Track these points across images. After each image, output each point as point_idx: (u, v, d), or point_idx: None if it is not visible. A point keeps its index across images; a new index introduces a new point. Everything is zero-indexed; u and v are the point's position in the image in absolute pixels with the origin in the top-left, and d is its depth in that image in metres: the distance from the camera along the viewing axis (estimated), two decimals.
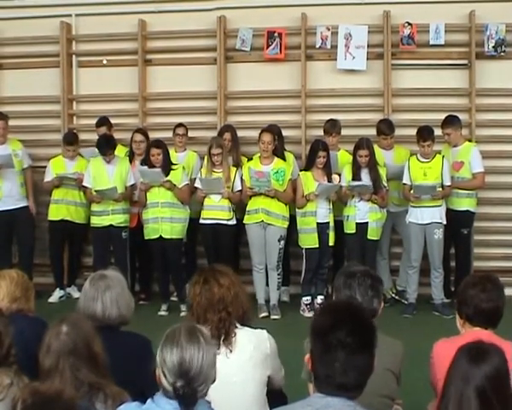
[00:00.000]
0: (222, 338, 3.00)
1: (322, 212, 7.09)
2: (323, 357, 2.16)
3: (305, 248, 7.16)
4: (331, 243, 7.13)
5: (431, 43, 7.88)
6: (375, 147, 7.54)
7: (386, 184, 7.16)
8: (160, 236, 7.09)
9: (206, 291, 3.09)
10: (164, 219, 7.08)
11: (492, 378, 2.25)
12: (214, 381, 2.39)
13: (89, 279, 3.24)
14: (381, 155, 7.48)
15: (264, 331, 3.16)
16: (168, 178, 7.07)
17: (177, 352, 2.31)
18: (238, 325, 3.09)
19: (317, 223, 7.08)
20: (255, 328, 3.16)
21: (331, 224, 7.12)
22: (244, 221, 7.18)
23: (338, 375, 2.13)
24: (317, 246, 7.08)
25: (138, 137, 7.75)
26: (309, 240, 7.10)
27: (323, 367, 2.16)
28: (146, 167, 7.16)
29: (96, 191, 7.29)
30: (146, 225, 7.18)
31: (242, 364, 3.01)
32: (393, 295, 7.56)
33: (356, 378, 2.15)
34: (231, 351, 3.01)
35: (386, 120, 7.58)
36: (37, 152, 8.39)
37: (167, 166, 7.11)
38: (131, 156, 7.72)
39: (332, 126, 7.48)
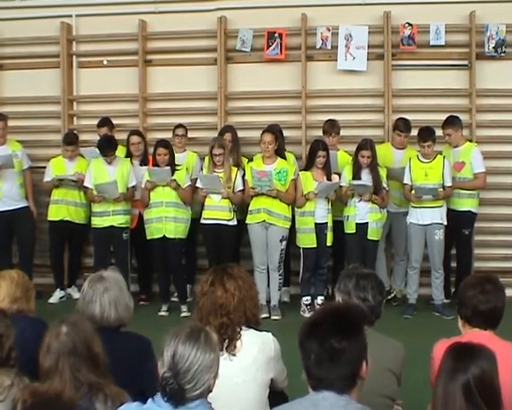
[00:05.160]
0: (225, 345, 2.99)
1: (321, 212, 7.09)
2: (303, 350, 2.26)
3: (303, 248, 7.16)
4: (329, 243, 7.13)
5: (431, 43, 7.88)
6: (388, 145, 7.57)
7: (386, 185, 7.17)
8: (164, 235, 7.09)
9: (210, 293, 3.08)
10: (168, 219, 7.08)
11: (477, 377, 2.26)
12: (210, 388, 2.37)
13: (87, 281, 3.24)
14: (391, 155, 7.49)
15: (270, 334, 3.15)
16: (173, 178, 7.08)
17: (173, 344, 2.33)
18: (244, 327, 3.08)
19: (316, 223, 7.08)
20: (260, 330, 3.16)
21: (329, 224, 7.12)
22: (246, 221, 7.19)
23: (313, 368, 2.23)
24: (315, 246, 7.08)
25: (135, 139, 7.72)
26: (307, 240, 7.10)
27: (304, 360, 2.26)
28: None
29: (95, 185, 7.27)
30: (149, 225, 7.17)
31: (245, 366, 3.01)
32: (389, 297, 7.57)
33: (331, 372, 2.20)
34: (235, 355, 3.00)
35: (405, 119, 7.55)
36: (37, 153, 8.39)
37: (172, 167, 7.12)
38: (129, 158, 7.69)
39: (331, 127, 7.49)
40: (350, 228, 7.10)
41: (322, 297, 7.19)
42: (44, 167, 7.94)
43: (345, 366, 2.21)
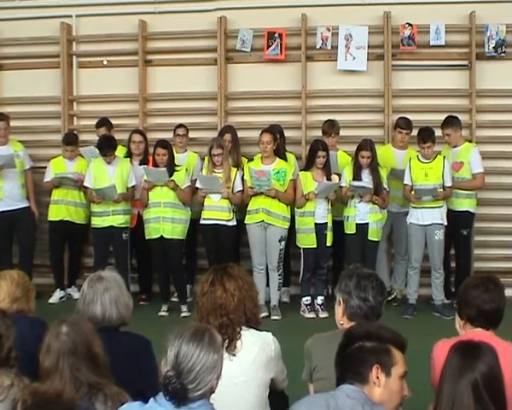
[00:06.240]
0: (225, 345, 2.98)
1: (321, 212, 7.09)
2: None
3: (303, 248, 7.16)
4: (329, 243, 7.13)
5: (431, 43, 7.89)
6: (389, 146, 7.57)
7: (386, 186, 7.16)
8: (161, 236, 7.09)
9: (210, 293, 3.08)
10: (165, 219, 7.08)
11: (485, 374, 2.27)
12: (213, 389, 2.37)
13: (86, 281, 3.23)
14: (392, 156, 7.49)
15: (270, 334, 3.15)
16: (171, 178, 7.08)
17: (177, 344, 2.33)
18: (244, 326, 3.08)
19: (316, 223, 7.08)
20: (261, 330, 3.16)
21: (329, 224, 7.12)
22: (245, 221, 7.19)
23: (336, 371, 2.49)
24: (315, 246, 7.08)
25: (137, 137, 7.74)
26: (307, 240, 7.10)
27: None
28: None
29: (95, 190, 7.29)
30: (147, 225, 7.17)
31: (246, 366, 3.01)
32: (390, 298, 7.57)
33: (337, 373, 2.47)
34: (235, 355, 3.00)
35: (406, 117, 7.56)
36: (37, 153, 8.39)
37: (171, 167, 7.12)
38: (129, 157, 7.70)
39: (330, 127, 7.49)
40: (350, 228, 7.10)
41: (322, 297, 7.20)
42: (44, 167, 7.94)
43: (355, 364, 2.39)
